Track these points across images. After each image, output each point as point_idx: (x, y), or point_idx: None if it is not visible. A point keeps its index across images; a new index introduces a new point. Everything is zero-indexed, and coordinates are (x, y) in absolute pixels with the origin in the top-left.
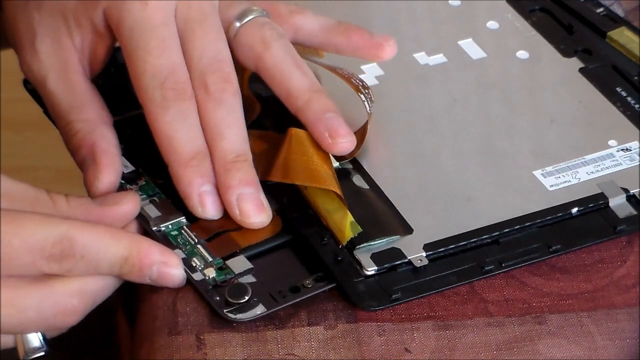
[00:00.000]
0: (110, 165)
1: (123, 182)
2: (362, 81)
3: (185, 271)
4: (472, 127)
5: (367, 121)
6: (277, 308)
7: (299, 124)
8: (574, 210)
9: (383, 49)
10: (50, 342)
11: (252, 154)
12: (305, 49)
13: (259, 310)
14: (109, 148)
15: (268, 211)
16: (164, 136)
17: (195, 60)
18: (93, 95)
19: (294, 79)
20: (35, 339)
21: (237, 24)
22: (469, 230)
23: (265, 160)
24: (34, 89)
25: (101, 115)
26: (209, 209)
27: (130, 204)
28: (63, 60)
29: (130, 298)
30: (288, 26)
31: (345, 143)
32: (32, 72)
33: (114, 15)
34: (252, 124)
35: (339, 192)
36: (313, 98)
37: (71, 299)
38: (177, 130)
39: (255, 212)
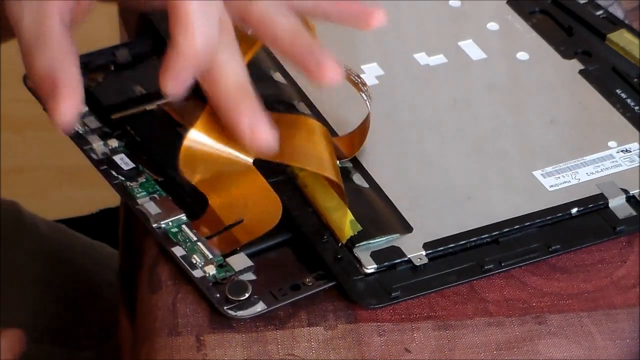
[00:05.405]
0: (72, 94)
1: (123, 179)
2: (359, 77)
3: (185, 269)
4: (472, 127)
5: (368, 120)
6: (278, 305)
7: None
8: (574, 210)
9: (372, 15)
10: (48, 338)
11: None
12: None
13: (259, 307)
14: (71, 81)
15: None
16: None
17: None
18: (62, 37)
19: (279, 24)
20: None
21: None
22: (469, 229)
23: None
24: (34, 88)
25: (67, 54)
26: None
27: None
28: (41, 3)
29: (132, 297)
30: None
31: (332, 70)
32: (12, 14)
33: None
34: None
35: (338, 181)
36: (298, 37)
37: None
38: None
39: (265, 128)
